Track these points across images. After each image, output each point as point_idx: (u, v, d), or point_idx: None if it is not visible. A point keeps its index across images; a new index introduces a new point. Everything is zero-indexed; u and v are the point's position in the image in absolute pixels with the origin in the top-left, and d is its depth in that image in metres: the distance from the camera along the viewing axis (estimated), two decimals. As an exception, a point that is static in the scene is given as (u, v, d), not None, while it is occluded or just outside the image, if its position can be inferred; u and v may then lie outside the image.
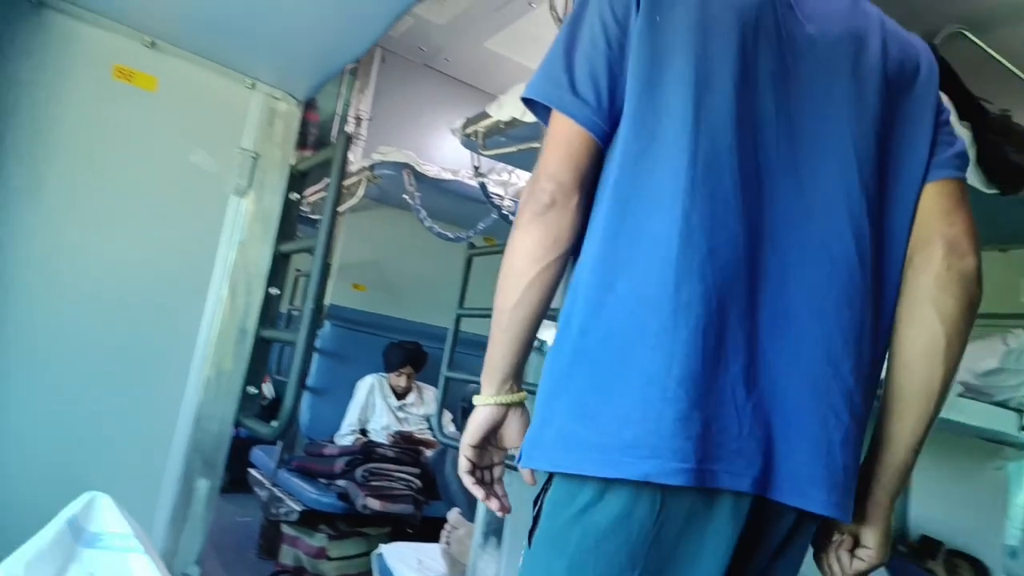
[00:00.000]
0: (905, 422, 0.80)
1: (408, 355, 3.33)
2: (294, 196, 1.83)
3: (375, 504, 2.78)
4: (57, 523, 1.11)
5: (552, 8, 2.27)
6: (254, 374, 1.76)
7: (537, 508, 0.77)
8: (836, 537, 0.83)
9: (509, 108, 1.97)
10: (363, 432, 3.28)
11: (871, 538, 0.81)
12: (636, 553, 0.69)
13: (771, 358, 0.74)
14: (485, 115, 2.24)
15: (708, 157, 0.73)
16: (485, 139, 2.33)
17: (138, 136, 1.59)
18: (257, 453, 3.42)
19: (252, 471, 3.30)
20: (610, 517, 0.69)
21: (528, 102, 0.81)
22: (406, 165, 3.13)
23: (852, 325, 0.76)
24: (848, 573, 0.82)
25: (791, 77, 0.79)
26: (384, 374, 3.39)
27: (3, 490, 1.39)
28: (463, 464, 0.83)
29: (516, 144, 2.19)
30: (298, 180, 1.85)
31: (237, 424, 1.74)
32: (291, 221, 1.84)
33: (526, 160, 2.25)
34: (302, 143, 1.93)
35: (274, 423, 1.63)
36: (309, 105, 1.90)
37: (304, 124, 1.89)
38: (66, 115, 1.50)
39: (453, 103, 3.70)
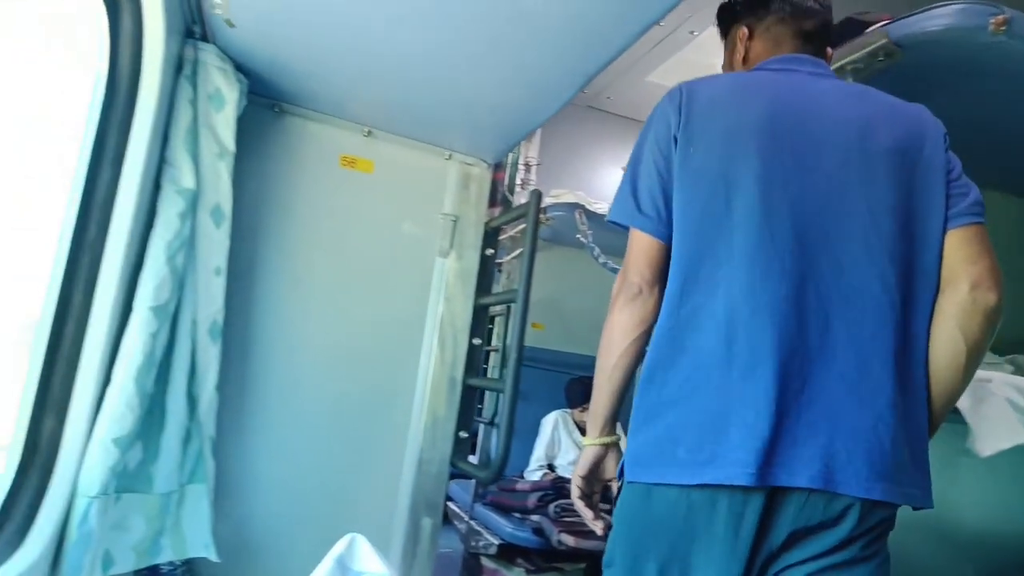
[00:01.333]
0: (931, 414, 1.00)
1: (590, 390, 3.36)
2: (489, 252, 1.97)
3: (569, 540, 2.82)
4: (328, 562, 1.27)
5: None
6: (464, 419, 1.90)
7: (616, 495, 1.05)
8: None
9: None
10: (550, 467, 3.35)
11: None
12: (689, 523, 0.94)
13: (824, 385, 0.94)
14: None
15: (743, 248, 0.97)
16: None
17: (359, 213, 1.82)
18: (454, 487, 3.62)
19: (450, 504, 3.50)
20: (668, 503, 0.95)
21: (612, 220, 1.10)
22: (577, 205, 3.21)
23: (887, 350, 0.96)
24: None
25: (815, 165, 1.01)
26: (567, 410, 3.45)
27: (277, 533, 1.63)
28: (575, 491, 1.10)
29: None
30: (491, 236, 1.99)
31: (452, 466, 1.88)
32: (487, 275, 1.97)
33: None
34: (491, 201, 2.08)
35: (470, 458, 1.74)
36: (497, 165, 2.05)
37: (493, 183, 2.04)
38: (303, 201, 1.76)
39: (618, 139, 3.75)
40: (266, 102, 1.69)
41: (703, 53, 3.40)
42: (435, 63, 1.42)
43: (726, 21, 1.26)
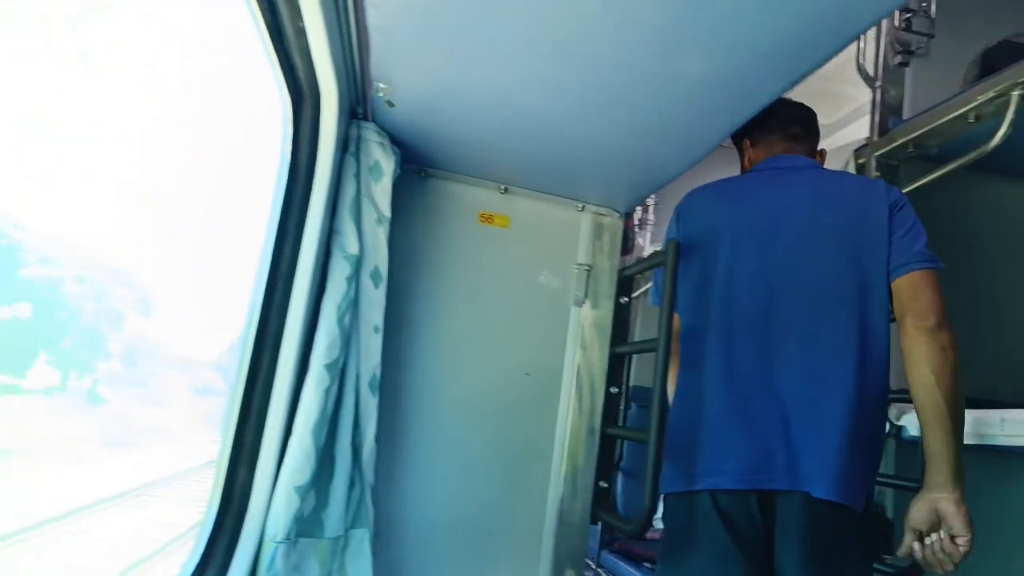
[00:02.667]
0: (928, 435, 1.18)
1: (719, 435, 3.24)
2: (623, 300, 1.98)
3: (705, 594, 2.70)
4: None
5: (861, 68, 2.17)
6: (604, 469, 1.89)
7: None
8: (929, 540, 1.18)
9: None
10: (679, 515, 3.24)
11: (952, 523, 1.14)
12: (694, 517, 1.30)
13: (798, 419, 1.23)
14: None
15: (721, 316, 1.35)
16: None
17: (497, 266, 1.89)
18: (578, 532, 3.58)
19: (576, 550, 3.45)
20: (684, 505, 1.34)
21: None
22: (699, 245, 3.15)
23: (846, 382, 1.22)
24: (955, 559, 1.15)
25: (776, 242, 1.35)
26: (695, 455, 3.34)
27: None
28: None
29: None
30: (625, 284, 1.99)
31: (594, 518, 1.86)
32: (623, 323, 1.98)
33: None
34: (623, 249, 2.09)
35: (599, 514, 1.74)
36: (628, 214, 2.06)
37: (624, 232, 2.06)
38: (446, 258, 1.85)
39: (735, 172, 3.66)
40: (414, 168, 1.81)
41: (825, 81, 3.29)
42: (576, 124, 1.47)
43: (737, 136, 1.66)
